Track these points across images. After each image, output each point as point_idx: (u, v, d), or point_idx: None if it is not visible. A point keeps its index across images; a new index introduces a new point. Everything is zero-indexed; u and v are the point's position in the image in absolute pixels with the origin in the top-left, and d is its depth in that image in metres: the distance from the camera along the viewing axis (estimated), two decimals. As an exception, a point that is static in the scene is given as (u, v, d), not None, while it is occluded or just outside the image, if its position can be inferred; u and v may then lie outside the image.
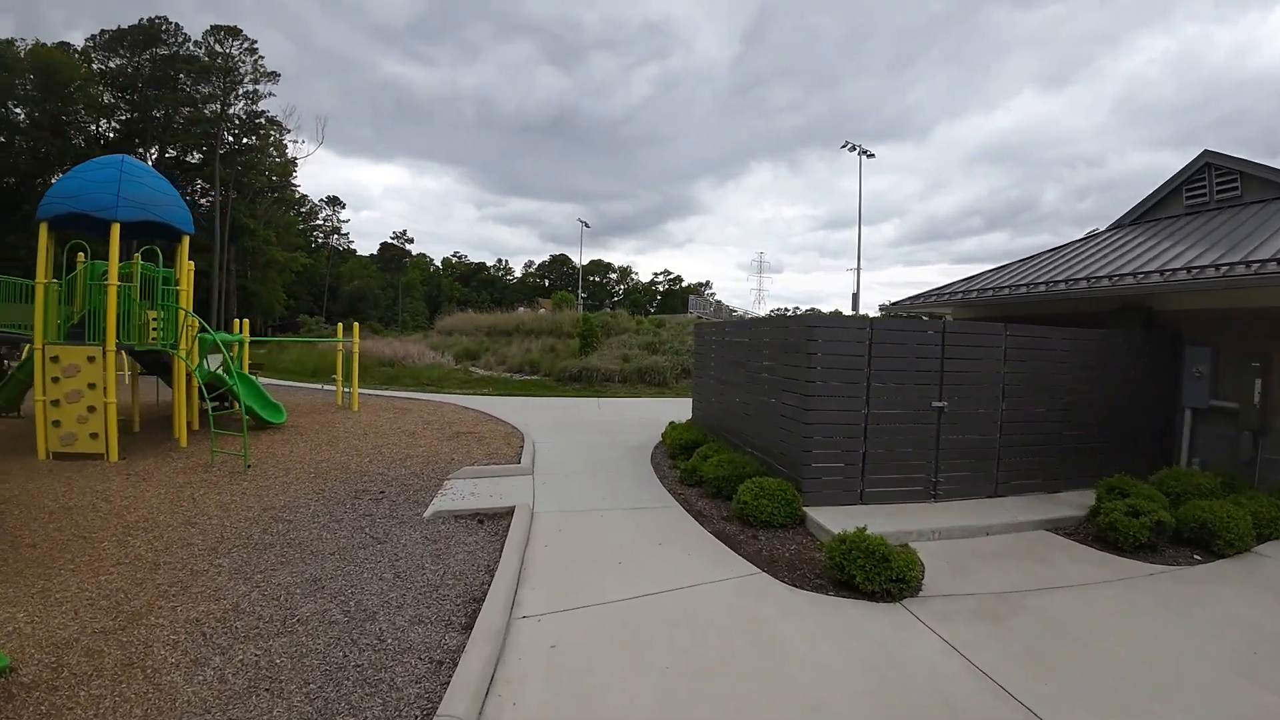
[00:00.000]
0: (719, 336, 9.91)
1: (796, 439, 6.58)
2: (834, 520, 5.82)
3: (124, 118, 51.10)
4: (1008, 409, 7.23)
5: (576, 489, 7.32)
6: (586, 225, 62.85)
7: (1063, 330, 7.56)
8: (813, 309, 31.44)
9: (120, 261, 9.63)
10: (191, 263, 12.23)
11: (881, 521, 5.85)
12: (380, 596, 4.36)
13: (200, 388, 9.01)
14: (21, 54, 43.14)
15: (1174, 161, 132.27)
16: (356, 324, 13.87)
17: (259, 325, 62.45)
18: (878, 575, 4.53)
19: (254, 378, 11.75)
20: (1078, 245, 11.41)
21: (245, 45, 52.49)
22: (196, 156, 54.82)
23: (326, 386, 18.11)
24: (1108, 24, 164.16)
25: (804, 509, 6.18)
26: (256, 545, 5.33)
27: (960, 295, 11.00)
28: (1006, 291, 9.92)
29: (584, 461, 8.89)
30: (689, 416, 11.47)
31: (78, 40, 50.69)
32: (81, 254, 9.04)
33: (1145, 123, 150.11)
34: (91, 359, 8.09)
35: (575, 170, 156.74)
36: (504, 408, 14.39)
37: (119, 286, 8.40)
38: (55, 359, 8.05)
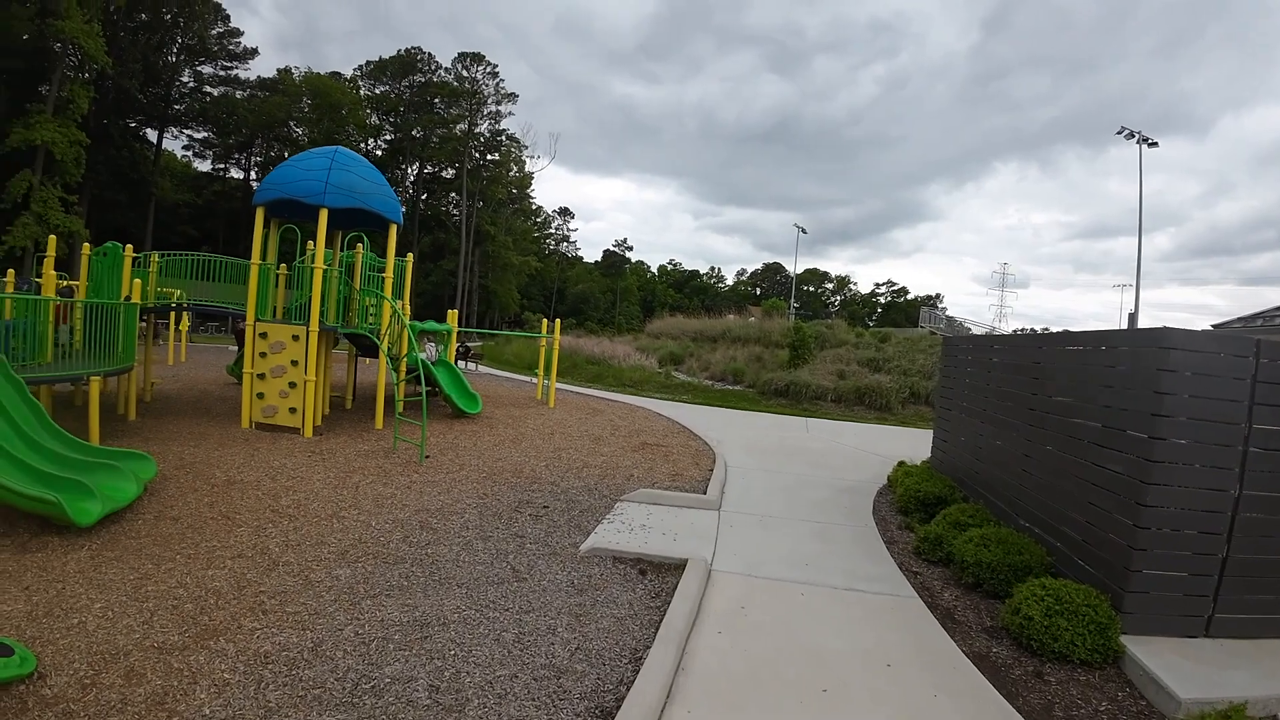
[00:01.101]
0: (981, 356, 7.50)
1: (1119, 525, 4.21)
2: (1174, 667, 3.50)
3: (388, 138, 60.35)
4: None
5: (772, 542, 5.67)
6: (803, 231, 59.76)
7: None
8: (1064, 331, 25.37)
9: (344, 251, 10.12)
10: (410, 255, 12.88)
11: (1248, 674, 3.42)
12: (485, 671, 3.21)
13: (393, 371, 9.06)
14: (298, 80, 52.80)
15: None
16: (559, 321, 13.64)
17: (495, 320, 70.04)
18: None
19: (458, 367, 11.93)
20: None
21: (488, 69, 59.04)
22: (450, 172, 62.95)
23: (533, 380, 18.58)
24: None
25: (1122, 638, 3.86)
26: (387, 558, 4.60)
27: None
28: None
29: (784, 501, 7.17)
30: (925, 456, 9.11)
31: (347, 72, 60.94)
32: (310, 242, 9.63)
33: None
34: (296, 337, 8.43)
35: (794, 177, 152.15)
36: (700, 419, 13.13)
37: (326, 270, 8.69)
38: (264, 335, 8.53)
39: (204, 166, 55.14)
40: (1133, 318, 29.30)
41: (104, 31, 32.74)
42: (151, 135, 46.93)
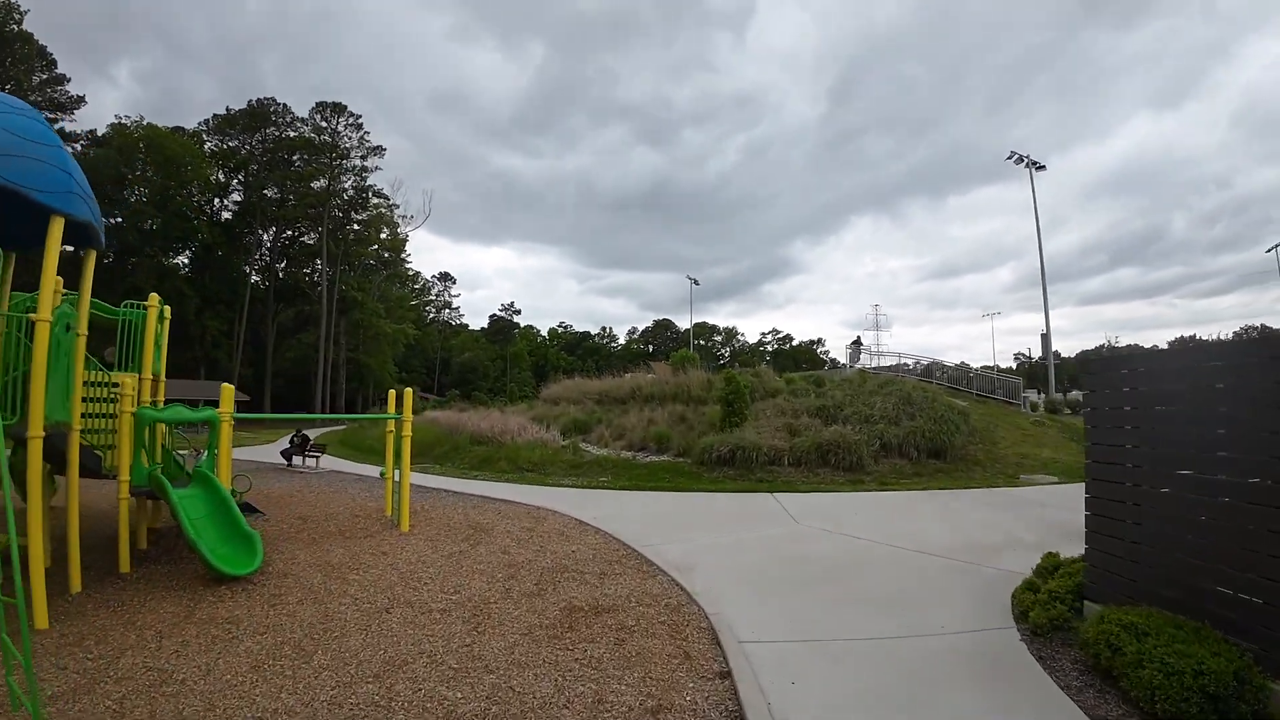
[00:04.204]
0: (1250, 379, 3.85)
1: None
2: None
3: (238, 198, 53.11)
4: None
5: None
6: (696, 283, 58.26)
7: None
8: (934, 361, 24.69)
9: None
10: (154, 296, 8.00)
11: None
12: None
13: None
14: (133, 133, 45.33)
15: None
16: (409, 391, 8.83)
17: (369, 397, 61.82)
18: None
19: (222, 486, 6.87)
20: None
21: (350, 120, 53.70)
22: (312, 237, 56.09)
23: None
24: (1216, 34, 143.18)
25: None
26: None
27: None
28: None
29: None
30: (988, 544, 5.33)
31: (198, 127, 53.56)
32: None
33: (1270, 134, 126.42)
34: None
35: (671, 240, 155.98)
36: (641, 520, 8.80)
37: None
38: None
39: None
40: (1045, 337, 28.71)
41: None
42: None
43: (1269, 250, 45.17)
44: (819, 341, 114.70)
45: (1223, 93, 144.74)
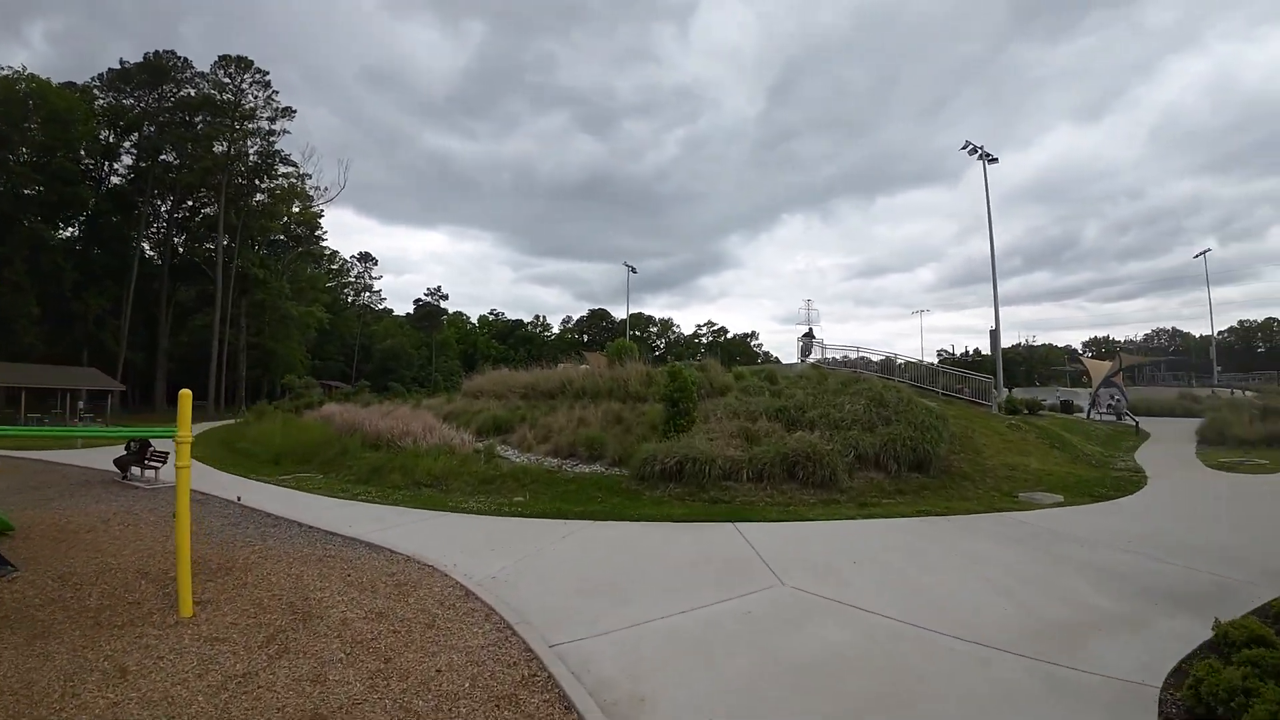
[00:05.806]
0: None
1: None
2: None
3: (129, 162, 46.41)
4: None
5: None
6: (633, 270, 55.65)
7: None
8: (862, 356, 23.71)
9: None
10: None
11: None
12: None
13: None
14: (19, 89, 38.70)
15: (1216, 188, 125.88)
16: (186, 393, 5.60)
17: (278, 386, 55.53)
18: None
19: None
20: None
21: (256, 78, 47.67)
22: (215, 208, 49.81)
23: (270, 488, 10.25)
24: (1140, 52, 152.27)
25: None
26: None
27: None
28: None
29: None
30: (1133, 626, 3.04)
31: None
32: None
33: (1184, 150, 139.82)
34: None
35: (609, 230, 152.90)
36: (560, 579, 6.15)
37: None
38: None
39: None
40: (994, 334, 27.78)
41: None
42: None
43: (1197, 256, 47.25)
44: (753, 334, 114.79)
45: (1142, 108, 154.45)
